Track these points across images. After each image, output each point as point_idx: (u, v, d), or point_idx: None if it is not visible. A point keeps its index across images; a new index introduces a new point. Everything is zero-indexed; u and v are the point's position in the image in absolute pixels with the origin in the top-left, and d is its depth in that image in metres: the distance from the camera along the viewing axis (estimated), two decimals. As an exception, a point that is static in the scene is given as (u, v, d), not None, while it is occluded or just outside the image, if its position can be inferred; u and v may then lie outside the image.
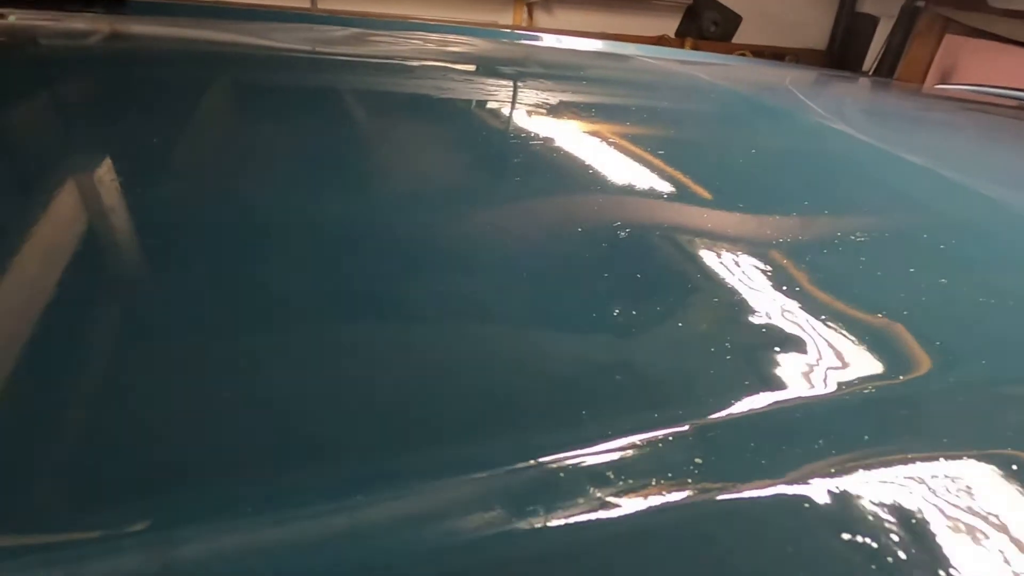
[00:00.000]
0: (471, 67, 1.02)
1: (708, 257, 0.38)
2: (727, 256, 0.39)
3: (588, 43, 1.44)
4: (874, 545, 0.20)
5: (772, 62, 1.66)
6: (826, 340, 0.31)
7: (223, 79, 0.73)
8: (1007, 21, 3.59)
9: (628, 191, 0.48)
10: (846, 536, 0.21)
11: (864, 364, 0.29)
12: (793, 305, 0.33)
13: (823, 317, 0.32)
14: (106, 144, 0.47)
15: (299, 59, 0.91)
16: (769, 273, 0.37)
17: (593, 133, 0.62)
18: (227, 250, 0.34)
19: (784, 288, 0.35)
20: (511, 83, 0.86)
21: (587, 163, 0.53)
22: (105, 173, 0.41)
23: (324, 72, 0.84)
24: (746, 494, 0.22)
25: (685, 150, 0.61)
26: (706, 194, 0.49)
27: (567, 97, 0.78)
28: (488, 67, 1.03)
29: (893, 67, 4.02)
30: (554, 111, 0.69)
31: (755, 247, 0.40)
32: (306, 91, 0.72)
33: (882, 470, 0.23)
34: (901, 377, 0.29)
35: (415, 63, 0.98)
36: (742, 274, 0.36)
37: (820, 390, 0.27)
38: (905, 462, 0.24)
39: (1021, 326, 0.34)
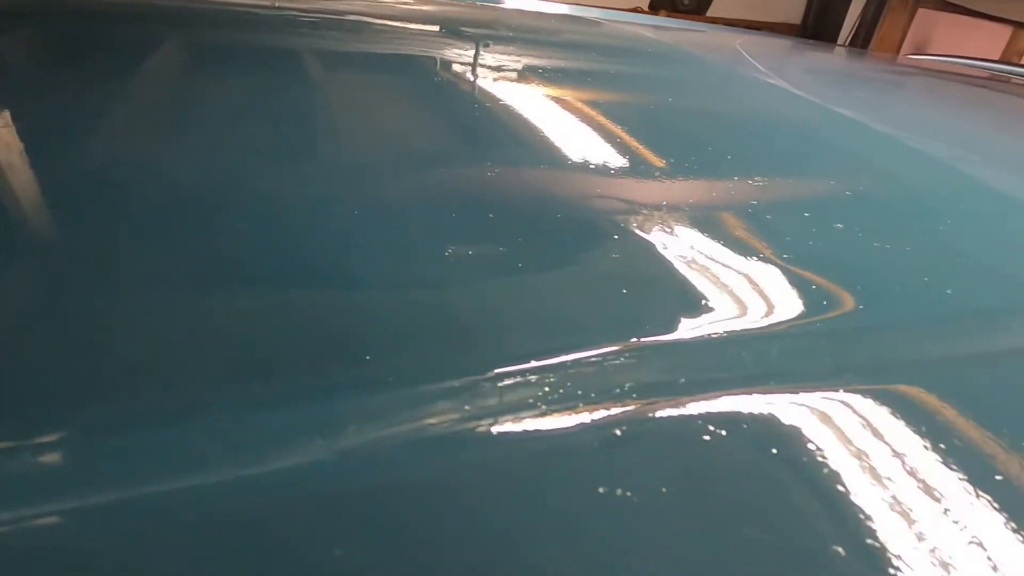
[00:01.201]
0: (435, 28, 1.00)
1: (646, 211, 0.38)
2: (661, 209, 0.39)
3: (556, 7, 1.42)
4: (775, 464, 0.21)
5: (745, 30, 1.65)
6: (748, 281, 0.31)
7: (168, 37, 0.71)
8: (979, -6, 3.63)
9: (574, 151, 0.48)
10: (756, 453, 0.21)
11: (788, 303, 0.30)
12: (725, 252, 0.34)
13: (750, 262, 0.33)
14: (35, 110, 0.45)
15: (252, 15, 0.89)
16: (701, 222, 0.37)
17: (551, 97, 0.61)
18: (138, 216, 0.32)
19: (716, 237, 0.35)
20: (475, 46, 0.85)
21: (542, 127, 0.52)
22: (31, 137, 0.40)
23: (279, 30, 0.82)
24: (665, 412, 0.23)
25: (636, 113, 0.61)
26: (648, 154, 0.49)
27: (530, 61, 0.77)
28: (453, 29, 1.01)
29: (867, 40, 4.05)
30: (514, 75, 0.68)
31: (691, 200, 0.41)
32: (256, 50, 0.70)
33: (790, 395, 0.24)
34: (816, 316, 0.29)
35: (376, 21, 0.96)
36: (675, 224, 0.37)
37: (741, 325, 0.28)
38: (808, 390, 0.24)
39: (935, 273, 0.35)
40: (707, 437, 0.22)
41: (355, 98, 0.55)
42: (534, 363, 0.24)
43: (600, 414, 0.22)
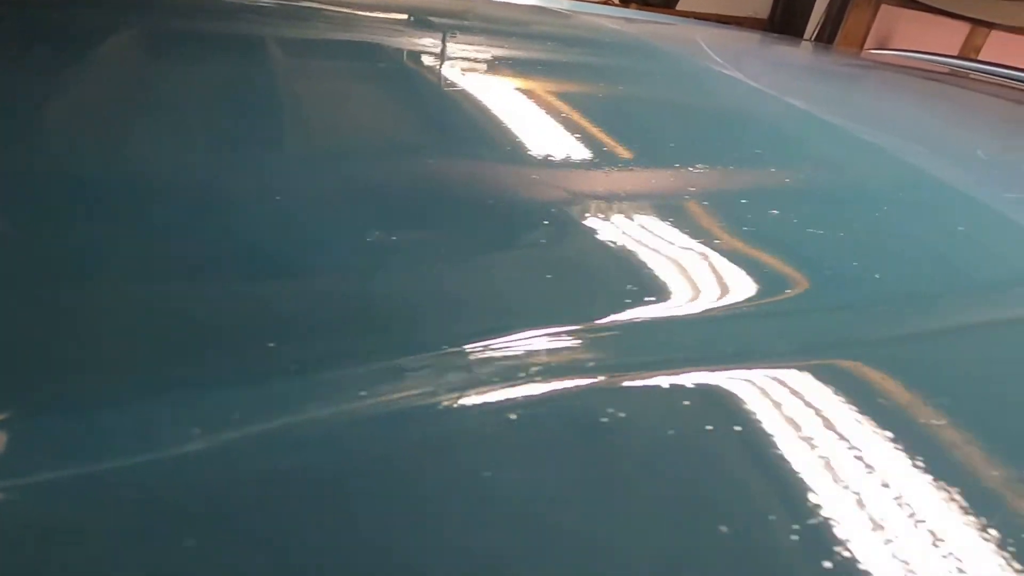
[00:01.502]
0: (402, 16, 1.00)
1: (585, 198, 0.40)
2: (600, 196, 0.40)
3: (526, -1, 1.43)
4: (723, 437, 0.22)
5: (713, 24, 1.68)
6: (680, 266, 0.33)
7: (125, 23, 0.70)
8: (939, -9, 3.72)
9: (525, 140, 0.49)
10: (706, 426, 0.22)
11: (720, 287, 0.31)
12: (658, 238, 0.35)
13: (684, 248, 0.34)
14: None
15: (214, 1, 0.87)
16: (638, 209, 0.38)
17: (510, 87, 0.62)
18: (96, 203, 0.32)
19: (652, 223, 0.37)
20: (442, 36, 0.85)
21: (498, 116, 0.53)
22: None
23: (240, 17, 0.81)
24: (621, 384, 0.24)
25: (586, 102, 0.62)
26: (593, 141, 0.50)
27: (496, 52, 0.77)
28: (420, 18, 1.01)
29: (833, 35, 4.12)
30: (478, 65, 0.68)
31: (629, 187, 0.42)
32: (217, 37, 0.70)
33: (721, 373, 0.25)
34: (748, 299, 0.31)
35: (342, 10, 0.95)
36: (613, 211, 0.38)
37: (670, 309, 0.29)
38: (750, 368, 0.26)
39: (865, 258, 0.36)
40: (628, 415, 0.23)
41: (315, 87, 0.55)
42: (452, 348, 0.25)
43: (508, 395, 0.23)
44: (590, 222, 0.35)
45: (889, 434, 0.23)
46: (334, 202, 0.34)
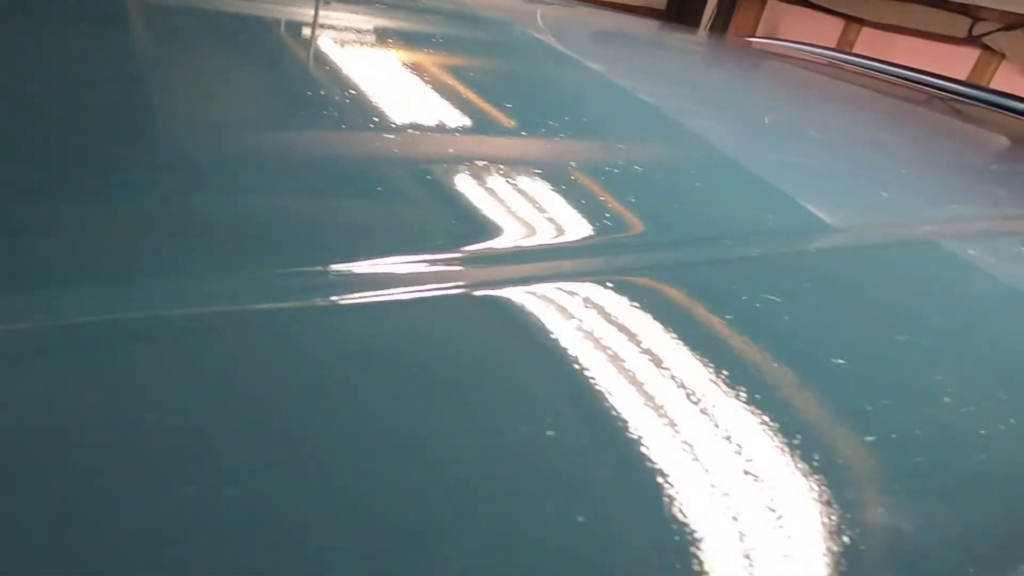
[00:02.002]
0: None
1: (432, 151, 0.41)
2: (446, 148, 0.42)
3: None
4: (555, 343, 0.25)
5: (609, 12, 1.72)
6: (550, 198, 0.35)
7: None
8: (817, -12, 4.02)
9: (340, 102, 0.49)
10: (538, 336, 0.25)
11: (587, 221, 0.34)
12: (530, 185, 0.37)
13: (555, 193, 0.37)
14: None
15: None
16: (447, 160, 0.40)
17: (354, 55, 0.62)
18: None
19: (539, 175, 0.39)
20: (315, 4, 0.84)
21: (330, 79, 0.53)
22: None
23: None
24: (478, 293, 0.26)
25: (395, 67, 0.63)
26: (407, 105, 0.52)
27: (353, 21, 0.77)
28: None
29: (725, 27, 4.36)
30: (335, 34, 0.68)
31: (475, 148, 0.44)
32: (79, 4, 0.65)
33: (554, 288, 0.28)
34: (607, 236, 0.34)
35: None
36: (475, 161, 0.40)
37: (541, 238, 0.32)
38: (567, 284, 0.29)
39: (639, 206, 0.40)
40: (467, 328, 0.25)
41: (171, 56, 0.53)
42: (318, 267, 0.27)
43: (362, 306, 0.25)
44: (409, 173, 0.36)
45: (693, 344, 0.26)
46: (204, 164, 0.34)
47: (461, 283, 0.27)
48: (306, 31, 0.63)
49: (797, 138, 0.61)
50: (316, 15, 0.69)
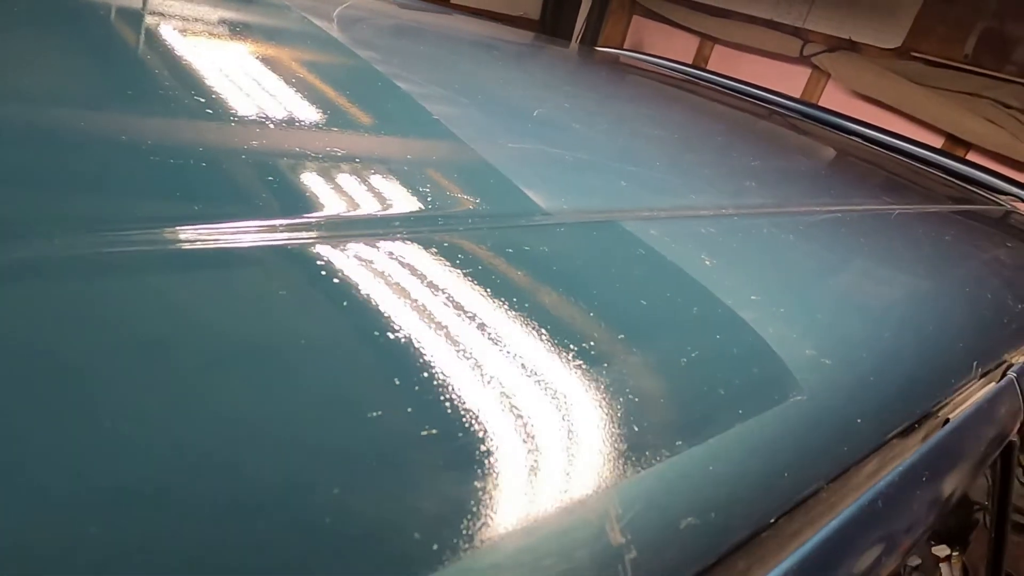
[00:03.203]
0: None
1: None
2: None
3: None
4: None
5: (478, 19, 1.77)
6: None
7: None
8: (675, 7, 4.34)
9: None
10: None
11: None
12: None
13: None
14: None
15: None
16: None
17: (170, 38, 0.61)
18: None
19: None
20: None
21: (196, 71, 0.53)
22: None
23: None
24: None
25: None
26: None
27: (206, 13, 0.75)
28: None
29: (595, 39, 4.60)
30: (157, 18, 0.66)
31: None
32: None
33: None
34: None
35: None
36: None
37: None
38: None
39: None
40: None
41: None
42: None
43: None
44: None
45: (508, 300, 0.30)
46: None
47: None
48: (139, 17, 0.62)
49: (561, 131, 0.67)
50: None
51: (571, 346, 0.30)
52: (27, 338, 0.21)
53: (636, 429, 0.26)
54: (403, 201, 0.41)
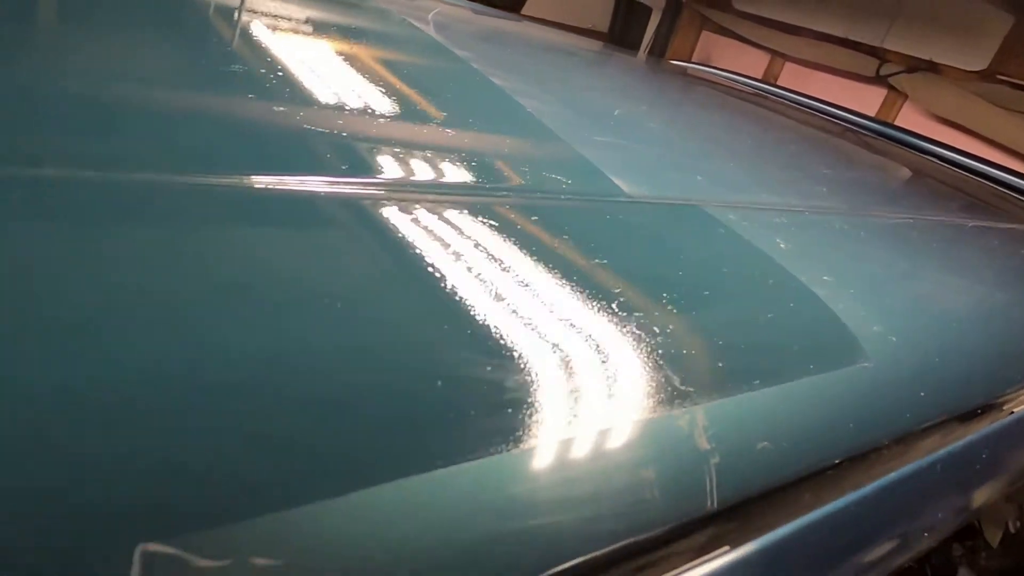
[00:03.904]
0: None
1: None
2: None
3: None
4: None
5: (551, 28, 1.83)
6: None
7: None
8: (746, 23, 4.31)
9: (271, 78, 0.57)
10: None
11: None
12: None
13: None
14: None
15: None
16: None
17: (275, 38, 0.69)
18: None
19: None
20: None
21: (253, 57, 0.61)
22: None
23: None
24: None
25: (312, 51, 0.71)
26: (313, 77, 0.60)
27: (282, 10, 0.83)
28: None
29: (663, 53, 4.61)
30: (259, 17, 0.75)
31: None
32: None
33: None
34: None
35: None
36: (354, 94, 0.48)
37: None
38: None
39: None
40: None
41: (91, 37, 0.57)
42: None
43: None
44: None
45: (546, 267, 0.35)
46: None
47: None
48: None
49: (640, 130, 0.72)
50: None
51: (665, 295, 0.34)
52: (121, 247, 0.27)
53: (720, 365, 0.30)
54: (508, 175, 0.46)
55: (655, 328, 0.31)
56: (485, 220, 0.38)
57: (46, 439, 0.18)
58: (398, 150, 0.43)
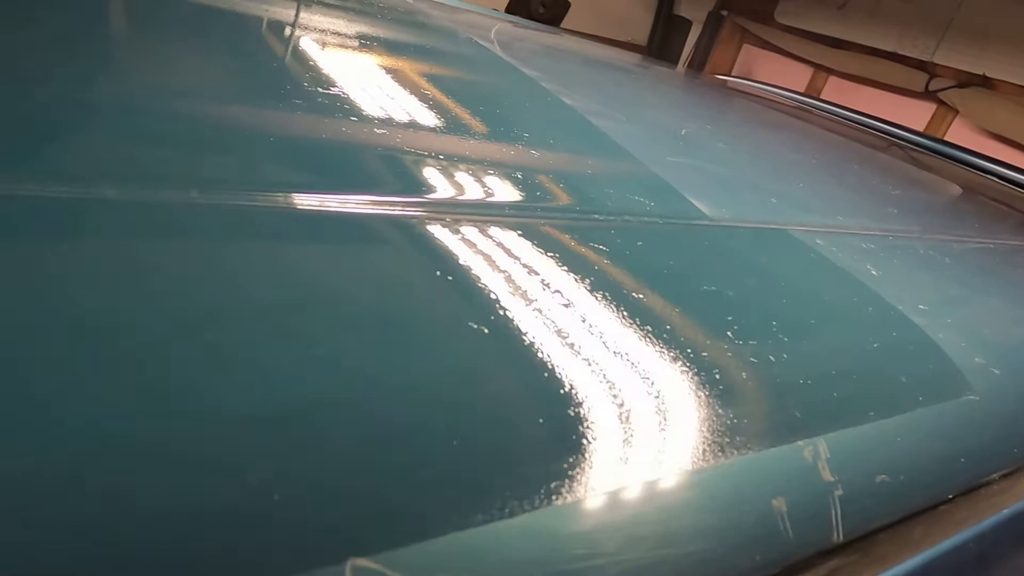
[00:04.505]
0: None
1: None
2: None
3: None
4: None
5: (595, 43, 1.85)
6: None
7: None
8: (789, 37, 4.26)
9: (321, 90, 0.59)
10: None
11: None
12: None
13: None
14: None
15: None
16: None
17: (335, 55, 0.71)
18: None
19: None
20: (297, 4, 0.91)
21: (316, 73, 0.62)
22: None
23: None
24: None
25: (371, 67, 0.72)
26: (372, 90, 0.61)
27: (338, 26, 0.85)
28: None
29: (702, 66, 4.58)
30: (318, 34, 0.77)
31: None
32: None
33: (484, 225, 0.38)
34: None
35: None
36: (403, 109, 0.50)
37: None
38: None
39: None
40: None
41: (151, 48, 0.59)
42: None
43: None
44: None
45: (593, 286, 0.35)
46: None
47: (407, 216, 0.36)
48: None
49: (708, 150, 0.72)
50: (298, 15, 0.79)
51: (774, 324, 0.35)
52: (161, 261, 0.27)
53: (835, 395, 0.30)
54: (593, 197, 0.47)
55: (770, 356, 0.31)
56: (578, 241, 0.38)
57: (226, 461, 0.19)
58: (492, 171, 0.44)
